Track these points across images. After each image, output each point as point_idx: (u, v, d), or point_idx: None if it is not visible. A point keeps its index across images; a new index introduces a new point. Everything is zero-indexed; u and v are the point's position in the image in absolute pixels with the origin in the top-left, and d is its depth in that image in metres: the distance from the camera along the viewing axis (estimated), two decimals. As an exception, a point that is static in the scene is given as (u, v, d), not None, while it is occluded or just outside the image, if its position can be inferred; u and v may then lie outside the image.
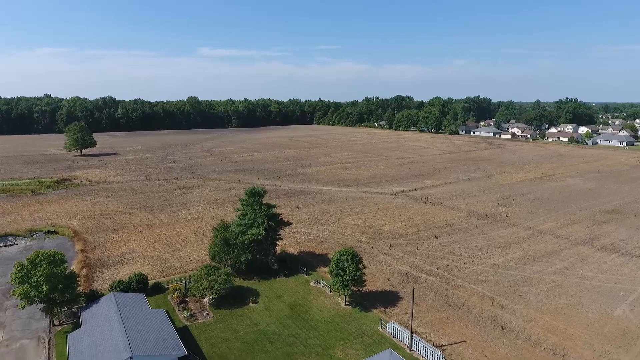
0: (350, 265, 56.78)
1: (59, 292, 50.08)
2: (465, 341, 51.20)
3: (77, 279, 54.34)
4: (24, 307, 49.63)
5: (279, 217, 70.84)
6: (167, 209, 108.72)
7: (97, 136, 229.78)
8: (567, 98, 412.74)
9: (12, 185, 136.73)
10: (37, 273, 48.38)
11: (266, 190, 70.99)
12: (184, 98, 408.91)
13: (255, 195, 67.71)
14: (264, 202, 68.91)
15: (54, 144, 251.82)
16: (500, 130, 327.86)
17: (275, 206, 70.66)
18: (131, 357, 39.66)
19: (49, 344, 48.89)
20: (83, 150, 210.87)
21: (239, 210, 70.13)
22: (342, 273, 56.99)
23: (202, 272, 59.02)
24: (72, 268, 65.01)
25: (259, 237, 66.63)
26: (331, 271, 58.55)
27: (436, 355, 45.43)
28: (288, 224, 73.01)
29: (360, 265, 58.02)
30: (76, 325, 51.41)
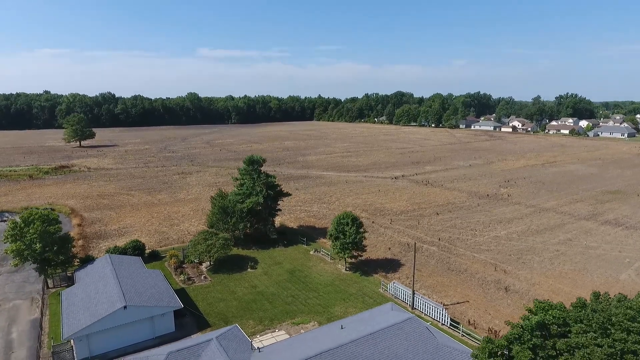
0: (350, 228, 55.67)
1: (53, 253, 49.06)
2: (469, 301, 50.12)
3: (73, 242, 53.22)
4: (16, 265, 48.59)
5: (278, 188, 69.79)
6: (166, 191, 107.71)
7: (96, 131, 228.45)
8: (567, 93, 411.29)
9: (10, 171, 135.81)
10: (30, 231, 47.35)
11: (265, 159, 69.99)
12: (184, 95, 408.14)
13: (253, 164, 66.67)
14: (262, 171, 67.86)
15: (53, 137, 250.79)
16: (501, 124, 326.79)
17: (274, 177, 69.61)
18: (125, 307, 38.57)
19: (43, 303, 47.80)
20: (82, 142, 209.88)
21: (237, 179, 69.10)
22: (342, 237, 55.87)
23: (200, 237, 57.94)
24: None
25: (258, 207, 65.58)
26: (331, 235, 57.45)
27: (439, 310, 44.32)
28: (287, 194, 71.94)
29: (361, 230, 56.90)
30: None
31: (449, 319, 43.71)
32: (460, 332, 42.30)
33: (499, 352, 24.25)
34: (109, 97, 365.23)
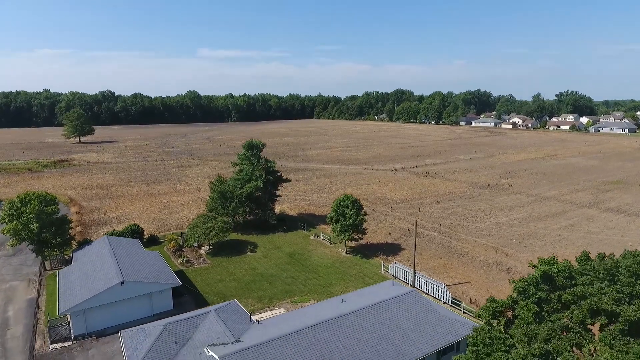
0: (350, 210, 55.18)
1: (51, 234, 48.56)
2: (470, 282, 49.61)
3: (70, 224, 52.72)
4: (13, 244, 48.10)
5: (278, 174, 69.30)
6: (165, 182, 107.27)
7: (96, 129, 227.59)
8: (567, 91, 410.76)
9: (9, 165, 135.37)
10: (27, 211, 46.85)
11: (264, 144, 69.46)
12: (184, 94, 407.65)
13: (253, 149, 66.17)
14: (262, 156, 67.36)
15: (53, 134, 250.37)
16: (501, 120, 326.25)
17: (274, 162, 69.11)
18: (122, 282, 38.06)
19: (40, 284, 47.30)
20: (81, 138, 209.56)
21: (236, 165, 68.59)
22: (342, 219, 55.37)
23: (199, 220, 57.46)
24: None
25: (258, 192, 65.08)
26: (331, 218, 56.94)
27: (440, 288, 43.80)
28: (287, 180, 71.43)
29: (361, 212, 56.39)
30: (68, 268, 49.81)
31: (450, 296, 43.20)
32: (462, 309, 41.77)
33: (503, 310, 23.75)
34: (109, 95, 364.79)
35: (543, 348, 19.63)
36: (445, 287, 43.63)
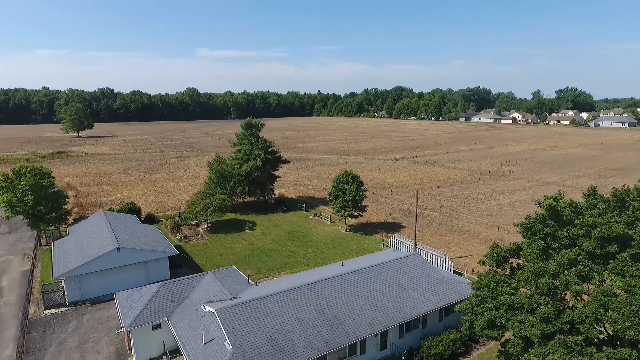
0: (350, 186, 54.47)
1: (46, 208, 47.76)
2: (472, 255, 48.88)
3: (67, 198, 51.99)
4: (8, 217, 47.32)
5: (277, 154, 68.59)
6: (164, 170, 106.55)
7: (94, 125, 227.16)
8: (567, 87, 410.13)
9: (7, 156, 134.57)
10: (22, 183, 46.10)
11: (263, 124, 68.75)
12: (183, 91, 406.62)
13: (251, 127, 65.46)
14: (261, 136, 66.65)
15: (52, 130, 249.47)
16: (501, 116, 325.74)
17: (273, 142, 68.42)
18: (118, 249, 37.31)
19: (35, 257, 46.55)
20: (80, 133, 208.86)
21: (235, 144, 67.86)
22: (342, 195, 54.65)
23: (197, 197, 56.74)
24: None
25: (256, 172, 64.37)
26: (331, 194, 56.24)
27: (442, 258, 43.07)
28: (286, 161, 70.78)
29: (362, 188, 55.67)
30: (64, 243, 49.06)
31: (452, 266, 42.47)
32: (465, 277, 41.00)
33: (507, 257, 23.00)
34: (108, 93, 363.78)
35: (551, 283, 18.92)
36: (447, 257, 42.92)
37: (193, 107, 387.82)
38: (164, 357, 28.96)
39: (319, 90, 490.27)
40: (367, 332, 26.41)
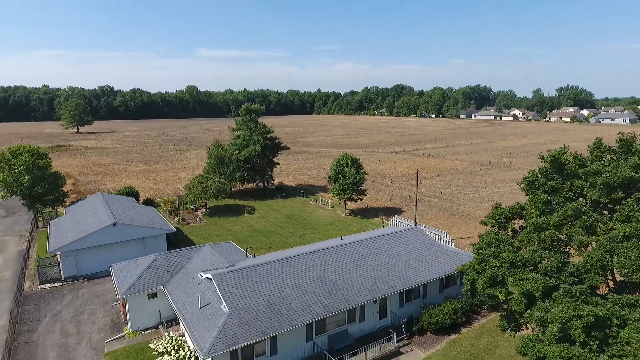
0: (350, 169, 54.01)
1: (43, 189, 47.31)
2: (472, 237, 48.34)
3: (64, 180, 51.54)
4: (4, 197, 46.89)
5: (276, 140, 68.15)
6: (163, 162, 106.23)
7: (95, 123, 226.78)
8: (568, 85, 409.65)
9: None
10: (19, 162, 45.66)
11: (263, 109, 68.30)
12: (183, 89, 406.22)
13: (251, 113, 65.04)
14: (260, 122, 66.21)
15: (52, 127, 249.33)
16: (501, 113, 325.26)
17: (272, 129, 67.98)
18: (115, 224, 36.85)
19: (31, 237, 46.11)
20: (80, 129, 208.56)
21: (234, 130, 67.43)
22: (341, 178, 54.18)
23: (195, 180, 56.30)
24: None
25: (256, 156, 63.92)
26: (330, 177, 55.80)
27: (442, 236, 42.58)
28: (286, 148, 70.34)
29: (362, 171, 55.21)
30: (61, 224, 48.62)
31: (452, 244, 41.97)
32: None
33: (510, 217, 22.52)
34: (108, 90, 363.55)
35: (554, 234, 18.43)
36: (448, 236, 42.44)
37: (193, 105, 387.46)
38: (160, 326, 28.50)
39: (319, 89, 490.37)
40: (366, 298, 25.94)
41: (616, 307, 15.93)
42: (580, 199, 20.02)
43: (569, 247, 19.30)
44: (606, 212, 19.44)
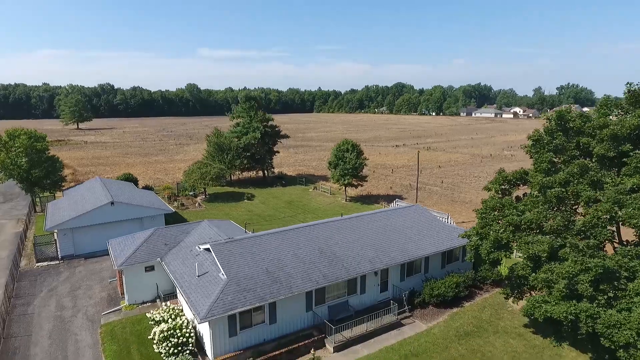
0: (350, 154, 53.60)
1: (41, 172, 46.90)
2: (474, 221, 47.81)
3: (62, 165, 51.16)
4: (2, 180, 46.49)
5: (276, 127, 67.75)
6: (163, 155, 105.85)
7: (94, 121, 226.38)
8: (568, 84, 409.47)
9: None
10: (16, 145, 45.27)
11: (262, 97, 67.77)
12: (183, 87, 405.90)
13: (250, 100, 64.58)
14: (259, 110, 65.78)
15: (52, 124, 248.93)
16: (502, 111, 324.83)
17: (271, 117, 67.56)
18: (112, 203, 36.43)
19: (28, 220, 45.68)
20: (80, 125, 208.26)
21: (233, 118, 67.03)
22: (341, 163, 53.74)
23: (194, 166, 55.89)
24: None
25: (255, 143, 63.48)
26: (330, 163, 55.37)
27: (444, 218, 42.12)
28: (286, 136, 69.91)
29: (362, 156, 54.78)
30: (59, 208, 48.19)
31: (454, 225, 41.48)
32: (467, 238, 40.09)
33: (513, 182, 22.05)
34: (108, 88, 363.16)
35: (561, 192, 17.96)
36: (450, 217, 42.01)
37: (193, 103, 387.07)
38: (157, 300, 28.06)
39: (319, 87, 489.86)
40: (367, 269, 25.49)
41: (625, 259, 15.48)
42: (587, 159, 19.53)
43: (576, 204, 18.84)
44: (614, 168, 18.97)
